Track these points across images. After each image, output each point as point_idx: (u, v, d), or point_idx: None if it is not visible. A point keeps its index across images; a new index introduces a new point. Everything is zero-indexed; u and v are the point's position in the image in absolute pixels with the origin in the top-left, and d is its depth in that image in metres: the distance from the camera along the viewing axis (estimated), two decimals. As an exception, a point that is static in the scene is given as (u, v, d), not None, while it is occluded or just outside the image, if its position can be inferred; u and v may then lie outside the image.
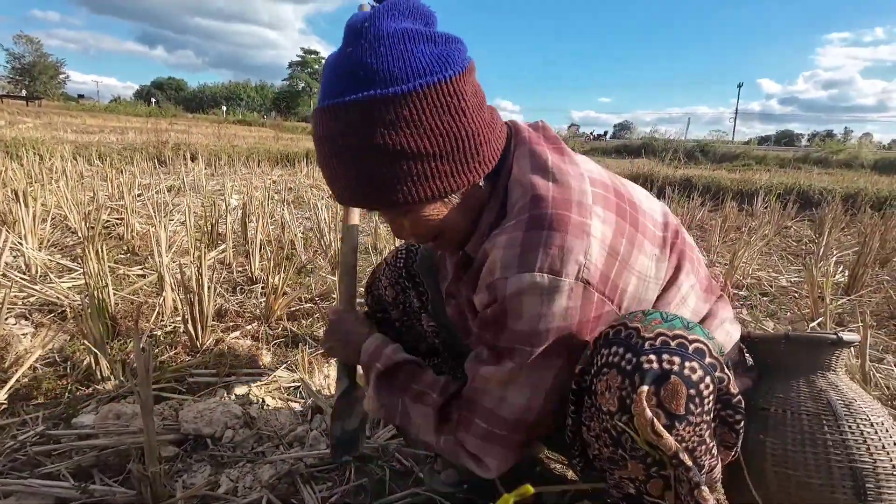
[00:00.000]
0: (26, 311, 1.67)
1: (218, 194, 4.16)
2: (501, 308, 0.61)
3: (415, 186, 0.59)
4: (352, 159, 0.58)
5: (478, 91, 0.62)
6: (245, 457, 1.05)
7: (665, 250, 0.67)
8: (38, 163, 4.47)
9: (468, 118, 0.59)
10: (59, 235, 2.60)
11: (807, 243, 3.79)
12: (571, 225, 0.59)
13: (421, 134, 0.57)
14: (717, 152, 15.58)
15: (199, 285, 1.46)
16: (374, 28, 0.57)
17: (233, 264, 2.31)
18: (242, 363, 1.42)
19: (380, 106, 0.55)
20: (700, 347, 0.54)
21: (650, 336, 0.54)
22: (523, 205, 0.62)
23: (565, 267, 0.58)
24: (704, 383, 0.53)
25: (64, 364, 1.36)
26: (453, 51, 0.59)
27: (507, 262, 0.60)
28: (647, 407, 0.51)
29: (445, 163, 0.59)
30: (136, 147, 6.63)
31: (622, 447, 0.56)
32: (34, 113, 15.63)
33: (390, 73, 0.55)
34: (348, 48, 0.58)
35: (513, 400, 0.64)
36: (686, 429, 0.53)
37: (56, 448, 1.00)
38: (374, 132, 0.56)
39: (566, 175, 0.63)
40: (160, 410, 1.16)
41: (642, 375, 0.52)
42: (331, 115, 0.58)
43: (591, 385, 0.58)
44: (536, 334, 0.60)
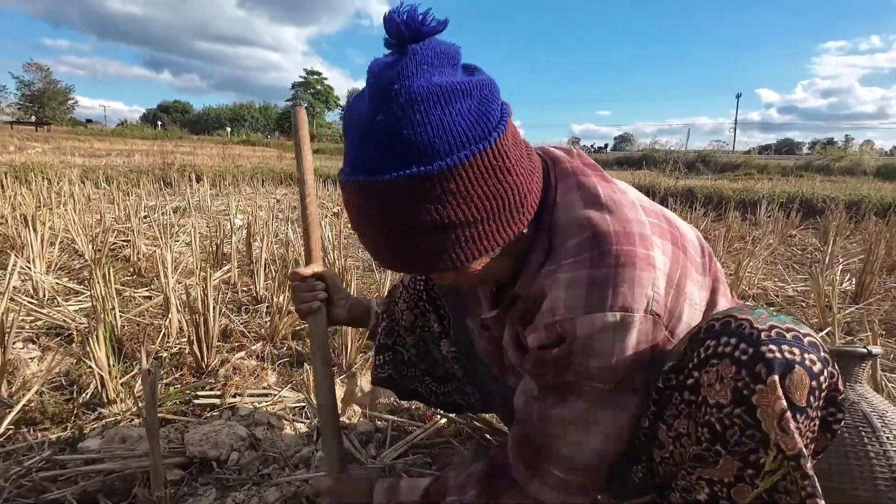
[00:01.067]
0: (34, 335, 1.68)
1: (223, 214, 4.20)
2: (569, 348, 0.59)
3: (462, 252, 0.57)
4: (396, 235, 0.56)
5: (517, 138, 0.60)
6: (251, 479, 1.04)
7: (706, 276, 0.67)
8: (46, 187, 4.54)
9: (513, 175, 0.57)
10: (67, 259, 2.63)
11: (812, 251, 3.77)
12: (639, 258, 0.58)
13: (468, 203, 0.54)
14: (718, 162, 15.63)
15: (204, 306, 1.47)
16: (405, 91, 0.52)
17: (237, 284, 2.32)
18: (248, 384, 1.41)
19: (424, 183, 0.52)
20: (813, 341, 0.52)
21: (764, 328, 0.52)
22: (582, 242, 0.60)
23: (636, 302, 0.57)
24: (823, 376, 0.51)
25: (70, 387, 1.37)
26: (489, 99, 0.56)
27: (572, 301, 0.58)
28: (782, 396, 0.49)
29: (492, 222, 0.57)
30: (143, 169, 6.74)
31: (723, 442, 0.53)
32: (43, 138, 15.94)
33: (432, 146, 0.52)
34: (378, 115, 0.53)
35: (590, 443, 0.62)
36: (804, 422, 0.51)
37: (62, 473, 1.00)
38: (418, 209, 0.53)
39: (621, 206, 0.62)
40: (166, 433, 1.16)
41: (767, 365, 0.50)
42: (368, 192, 0.54)
43: (685, 380, 0.56)
44: (611, 370, 0.59)
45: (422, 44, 0.55)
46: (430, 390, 1.00)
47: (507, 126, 0.56)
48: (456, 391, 0.98)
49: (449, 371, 0.96)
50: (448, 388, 0.98)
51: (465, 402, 0.98)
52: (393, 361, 1.00)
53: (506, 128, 0.56)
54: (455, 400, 0.98)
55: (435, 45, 0.56)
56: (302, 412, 1.32)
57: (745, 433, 0.51)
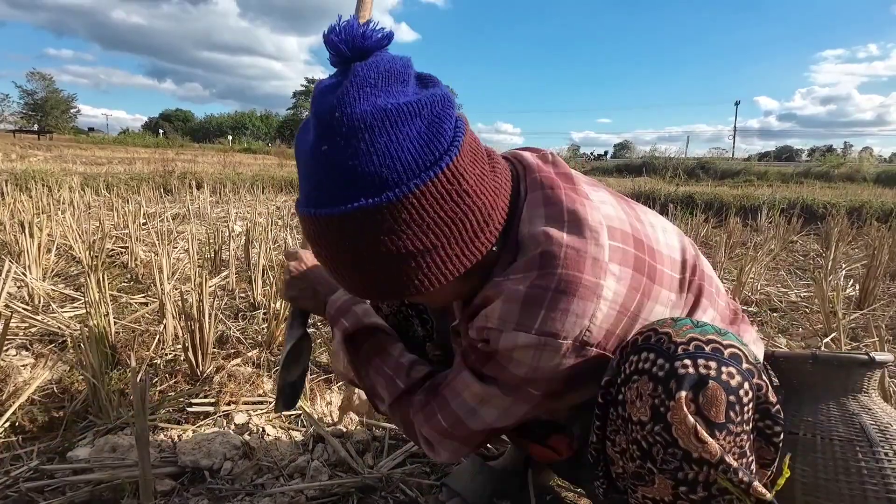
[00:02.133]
0: (27, 342, 1.66)
1: (222, 221, 4.19)
2: (491, 351, 0.60)
3: (426, 278, 0.55)
4: (354, 266, 0.54)
5: (476, 154, 0.56)
6: (244, 489, 1.01)
7: (682, 293, 0.65)
8: (46, 194, 4.54)
9: (472, 196, 0.54)
10: (64, 265, 2.61)
11: (814, 257, 3.74)
12: (581, 286, 0.55)
13: (425, 231, 0.52)
14: (717, 169, 15.65)
15: (199, 312, 1.44)
16: (346, 119, 0.49)
17: (235, 290, 2.30)
18: (243, 391, 1.39)
19: (374, 215, 0.50)
20: (735, 352, 0.51)
21: (682, 341, 0.51)
22: (532, 258, 0.58)
23: (565, 329, 0.55)
24: (743, 389, 0.49)
25: (62, 395, 1.34)
26: (441, 117, 0.53)
27: (504, 315, 0.57)
28: (689, 414, 0.48)
29: (455, 246, 0.54)
30: (143, 177, 6.74)
31: (651, 460, 0.52)
32: (45, 146, 16.00)
33: (379, 177, 0.49)
34: (323, 145, 0.50)
35: (483, 415, 0.64)
36: (726, 438, 0.49)
37: (49, 484, 0.97)
38: (373, 241, 0.51)
39: (582, 225, 0.58)
40: (158, 441, 1.13)
41: (679, 381, 0.49)
42: (320, 225, 0.53)
43: (617, 395, 0.55)
44: (524, 381, 0.59)
45: (365, 62, 0.52)
46: None
47: (461, 145, 0.53)
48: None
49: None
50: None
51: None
52: None
53: (460, 148, 0.53)
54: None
55: (379, 63, 0.52)
56: (298, 420, 1.29)
57: (668, 451, 0.50)
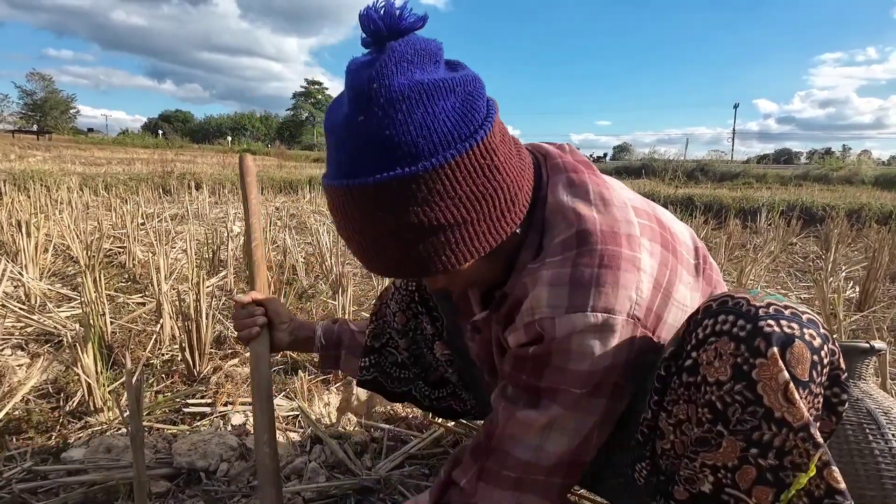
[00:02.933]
0: (23, 342, 1.64)
1: (221, 221, 4.18)
2: (547, 348, 0.57)
3: (454, 254, 0.55)
4: (383, 240, 0.54)
5: (505, 135, 0.58)
6: (240, 491, 1.00)
7: (698, 278, 0.66)
8: (44, 194, 4.53)
9: (502, 174, 0.55)
10: (61, 265, 2.60)
11: (814, 259, 3.74)
12: (623, 260, 0.56)
13: (457, 203, 0.52)
14: (716, 171, 15.66)
15: (196, 312, 1.43)
16: (384, 90, 0.50)
17: (234, 290, 2.29)
18: (240, 392, 1.38)
19: (409, 184, 0.50)
20: (812, 318, 0.51)
21: (761, 304, 0.51)
22: (568, 238, 0.58)
23: (619, 303, 0.55)
24: (824, 350, 0.49)
25: (57, 395, 1.33)
26: (474, 95, 0.54)
27: (553, 300, 0.56)
28: (783, 368, 0.47)
29: (483, 223, 0.55)
30: (142, 177, 6.73)
31: (724, 422, 0.50)
32: (44, 147, 15.99)
33: (416, 147, 0.50)
34: (359, 116, 0.51)
35: (552, 448, 0.59)
36: (807, 398, 0.48)
37: (42, 485, 0.96)
38: (405, 212, 0.51)
39: (610, 204, 0.60)
40: (153, 443, 1.12)
41: (766, 339, 0.48)
42: (352, 196, 0.52)
43: (684, 362, 0.53)
44: (587, 375, 0.57)
45: (400, 41, 0.53)
46: (423, 395, 0.96)
47: (493, 123, 0.54)
48: (451, 396, 0.94)
49: (443, 376, 0.92)
50: (443, 392, 0.94)
51: (461, 409, 0.95)
52: (378, 364, 0.96)
53: (493, 125, 0.54)
54: (450, 405, 0.95)
55: (414, 42, 0.53)
56: (295, 421, 1.28)
57: (747, 410, 0.49)
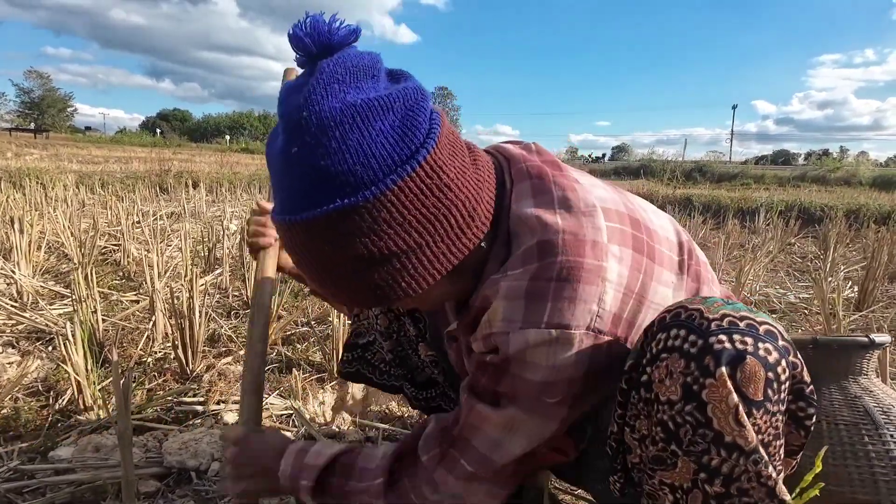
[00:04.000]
0: (13, 339, 1.62)
1: (217, 220, 4.15)
2: (503, 359, 0.56)
3: (413, 280, 0.52)
4: (337, 273, 0.51)
5: (455, 147, 0.53)
6: (231, 491, 0.98)
7: (682, 276, 0.63)
8: (40, 192, 4.50)
9: (454, 190, 0.51)
10: (55, 262, 2.58)
11: (812, 259, 3.74)
12: (585, 271, 0.53)
13: (407, 229, 0.49)
14: (715, 172, 15.68)
15: (190, 310, 1.41)
16: (315, 117, 0.47)
17: (229, 288, 2.27)
18: (233, 390, 1.36)
19: (352, 216, 0.47)
20: (770, 329, 0.48)
21: (715, 317, 0.48)
22: (529, 249, 0.55)
23: (575, 318, 0.53)
24: (781, 366, 0.46)
25: (47, 393, 1.31)
26: (414, 110, 0.50)
27: (509, 314, 0.54)
28: (732, 391, 0.45)
29: (440, 244, 0.52)
30: (139, 175, 6.70)
31: (677, 441, 0.48)
32: (41, 145, 15.92)
33: (354, 175, 0.47)
34: (293, 147, 0.48)
35: (510, 447, 0.58)
36: (763, 418, 0.46)
37: (29, 485, 0.94)
38: (353, 244, 0.49)
39: (576, 209, 0.56)
40: (143, 441, 1.10)
41: (716, 357, 0.45)
42: (298, 231, 0.50)
43: (640, 377, 0.51)
44: (542, 385, 0.55)
45: (332, 58, 0.50)
46: (412, 395, 0.95)
47: (438, 137, 0.50)
48: (440, 396, 0.93)
49: (430, 376, 0.91)
50: (432, 393, 0.93)
51: (451, 408, 0.93)
52: (362, 359, 0.95)
53: (437, 140, 0.50)
54: (440, 405, 0.93)
55: (346, 59, 0.50)
56: (289, 420, 1.26)
57: (698, 432, 0.46)
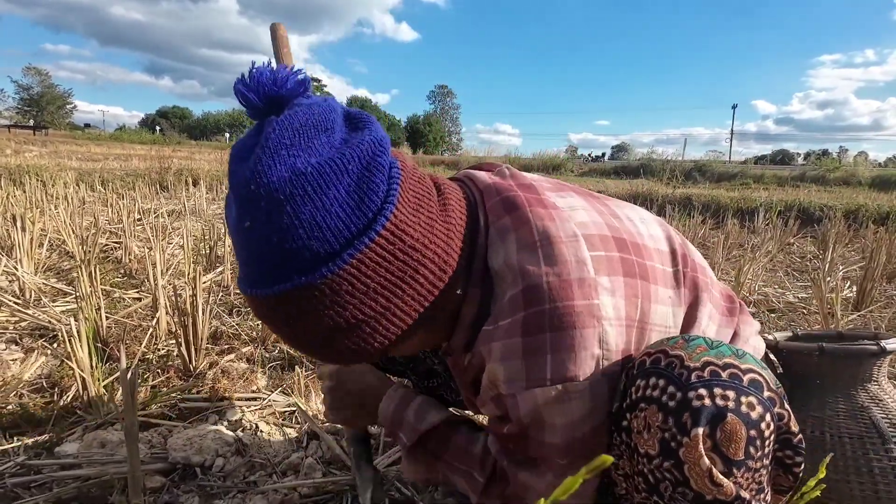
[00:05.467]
0: (17, 336, 1.63)
1: (218, 218, 4.15)
2: (520, 426, 0.53)
3: (386, 339, 0.50)
4: (307, 341, 0.50)
5: (420, 197, 0.50)
6: (236, 486, 0.99)
7: (679, 288, 0.60)
8: (40, 189, 4.49)
9: (421, 250, 0.49)
10: (57, 259, 2.58)
11: (811, 259, 3.75)
12: (577, 315, 0.50)
13: (373, 297, 0.47)
14: (714, 172, 15.67)
15: (193, 307, 1.42)
16: (264, 190, 0.44)
17: (231, 286, 2.28)
18: (237, 387, 1.37)
19: (312, 293, 0.46)
20: (755, 378, 0.46)
21: (696, 366, 0.46)
22: (515, 297, 0.52)
23: (580, 368, 0.50)
24: (765, 422, 0.45)
25: (52, 390, 1.32)
26: (372, 167, 0.47)
27: (510, 375, 0.52)
28: (704, 454, 0.43)
29: (411, 302, 0.50)
30: (139, 173, 6.69)
31: (658, 495, 0.48)
32: (40, 142, 15.88)
33: (310, 251, 0.44)
34: (245, 221, 0.45)
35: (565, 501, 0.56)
36: (744, 475, 0.45)
37: (35, 479, 0.95)
38: (317, 318, 0.47)
39: (558, 244, 0.52)
40: (148, 438, 1.11)
41: (694, 415, 0.44)
42: (261, 305, 0.48)
43: (620, 421, 0.50)
44: (566, 445, 0.52)
45: (278, 119, 0.46)
46: (414, 382, 0.96)
47: (398, 197, 0.47)
48: (441, 386, 0.94)
49: (431, 367, 0.92)
50: (433, 383, 0.94)
51: (452, 399, 0.94)
52: None
53: (396, 201, 0.47)
54: (441, 395, 0.94)
55: (295, 117, 0.47)
56: (292, 417, 1.27)
57: (677, 490, 0.46)
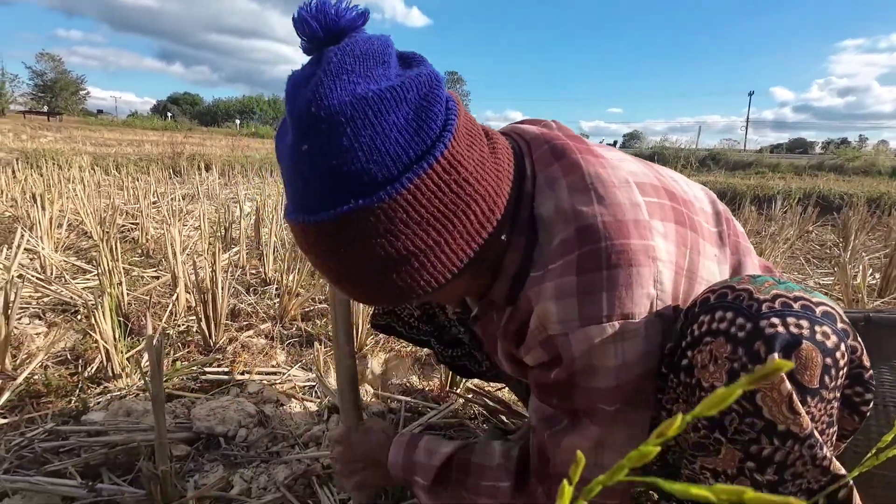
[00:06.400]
0: (40, 311, 1.65)
1: (231, 201, 4.17)
2: (568, 371, 0.52)
3: (432, 278, 0.50)
4: (353, 274, 0.49)
5: (473, 137, 0.50)
6: (259, 456, 1.00)
7: (724, 247, 0.59)
8: (56, 172, 4.54)
9: (473, 185, 0.48)
10: (76, 239, 2.61)
11: (831, 247, 3.67)
12: (634, 253, 0.49)
13: (425, 228, 0.47)
14: (729, 160, 15.38)
15: (213, 283, 1.43)
16: (325, 112, 0.43)
17: (246, 266, 2.29)
18: (256, 361, 1.38)
19: (367, 217, 0.45)
20: (828, 311, 0.44)
21: (766, 297, 0.44)
22: (568, 239, 0.51)
23: (636, 306, 0.49)
24: (840, 351, 0.43)
25: (76, 362, 1.34)
26: (429, 99, 0.47)
27: (563, 314, 0.51)
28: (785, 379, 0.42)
29: (459, 240, 0.49)
30: (152, 158, 6.74)
31: (721, 430, 0.46)
32: (55, 128, 16.06)
33: (368, 174, 0.44)
34: (302, 145, 0.45)
35: (609, 463, 0.55)
36: (818, 406, 0.43)
37: (64, 445, 0.96)
38: (369, 246, 0.46)
39: (610, 187, 0.52)
40: (172, 408, 1.12)
41: (768, 342, 0.42)
42: (310, 233, 0.48)
43: (679, 361, 0.48)
44: (618, 388, 0.51)
45: (339, 46, 0.47)
46: (438, 350, 0.95)
47: (455, 129, 0.47)
48: (466, 356, 0.93)
49: (457, 336, 0.91)
50: (457, 352, 0.93)
51: (475, 369, 0.93)
52: (393, 313, 0.94)
53: (454, 132, 0.47)
54: (465, 365, 0.94)
55: (355, 45, 0.47)
56: (312, 391, 1.28)
57: (745, 421, 0.44)
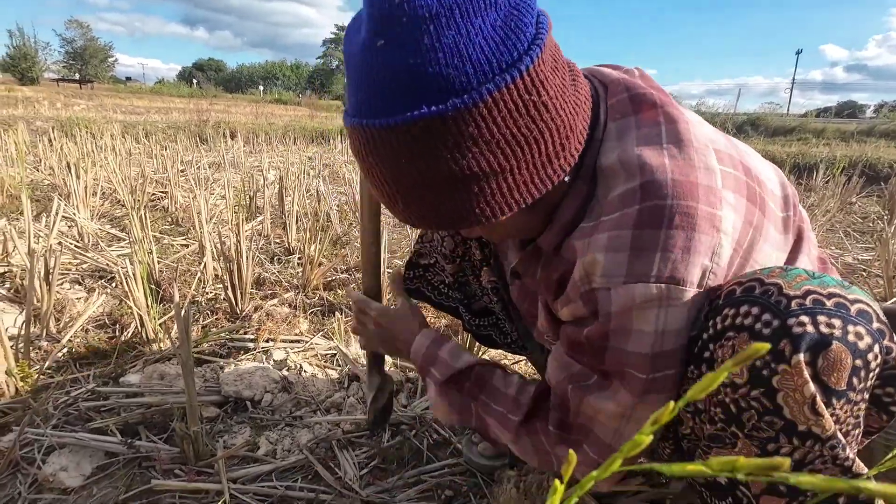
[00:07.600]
0: (79, 277, 1.74)
1: (256, 170, 4.23)
2: (602, 329, 0.50)
3: (489, 207, 0.47)
4: (409, 189, 0.46)
5: (557, 61, 0.46)
6: (284, 420, 1.05)
7: (787, 234, 0.56)
8: (90, 140, 4.68)
9: (552, 112, 0.45)
10: (109, 207, 2.71)
11: (874, 220, 3.48)
12: (700, 218, 0.46)
13: (494, 149, 0.44)
14: (769, 126, 14.52)
15: (237, 253, 1.47)
16: (409, 7, 0.40)
17: (270, 235, 2.34)
18: (280, 329, 1.42)
19: (437, 126, 0.42)
20: (864, 309, 0.42)
21: (797, 294, 0.42)
22: (629, 192, 0.48)
23: (689, 274, 0.46)
24: (873, 352, 0.41)
25: (113, 326, 1.41)
26: (520, 8, 0.43)
27: (610, 268, 0.48)
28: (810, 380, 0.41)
29: (525, 171, 0.46)
30: (180, 126, 6.84)
31: (738, 425, 0.45)
32: (87, 95, 16.46)
33: (445, 79, 0.41)
34: (378, 40, 0.42)
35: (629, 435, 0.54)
36: (843, 408, 0.42)
37: (105, 405, 1.03)
38: (433, 159, 0.44)
39: (688, 147, 0.49)
40: (201, 373, 1.18)
41: (794, 341, 0.41)
42: (372, 139, 0.45)
43: (701, 353, 0.47)
44: (654, 358, 0.49)
45: None
46: (466, 319, 0.95)
47: (543, 46, 0.43)
48: (492, 327, 0.93)
49: (487, 306, 0.91)
50: (484, 322, 0.93)
51: (500, 340, 0.94)
52: (423, 277, 0.95)
53: (542, 49, 0.43)
54: (490, 335, 0.94)
55: None
56: (333, 360, 1.32)
57: (764, 419, 0.43)
